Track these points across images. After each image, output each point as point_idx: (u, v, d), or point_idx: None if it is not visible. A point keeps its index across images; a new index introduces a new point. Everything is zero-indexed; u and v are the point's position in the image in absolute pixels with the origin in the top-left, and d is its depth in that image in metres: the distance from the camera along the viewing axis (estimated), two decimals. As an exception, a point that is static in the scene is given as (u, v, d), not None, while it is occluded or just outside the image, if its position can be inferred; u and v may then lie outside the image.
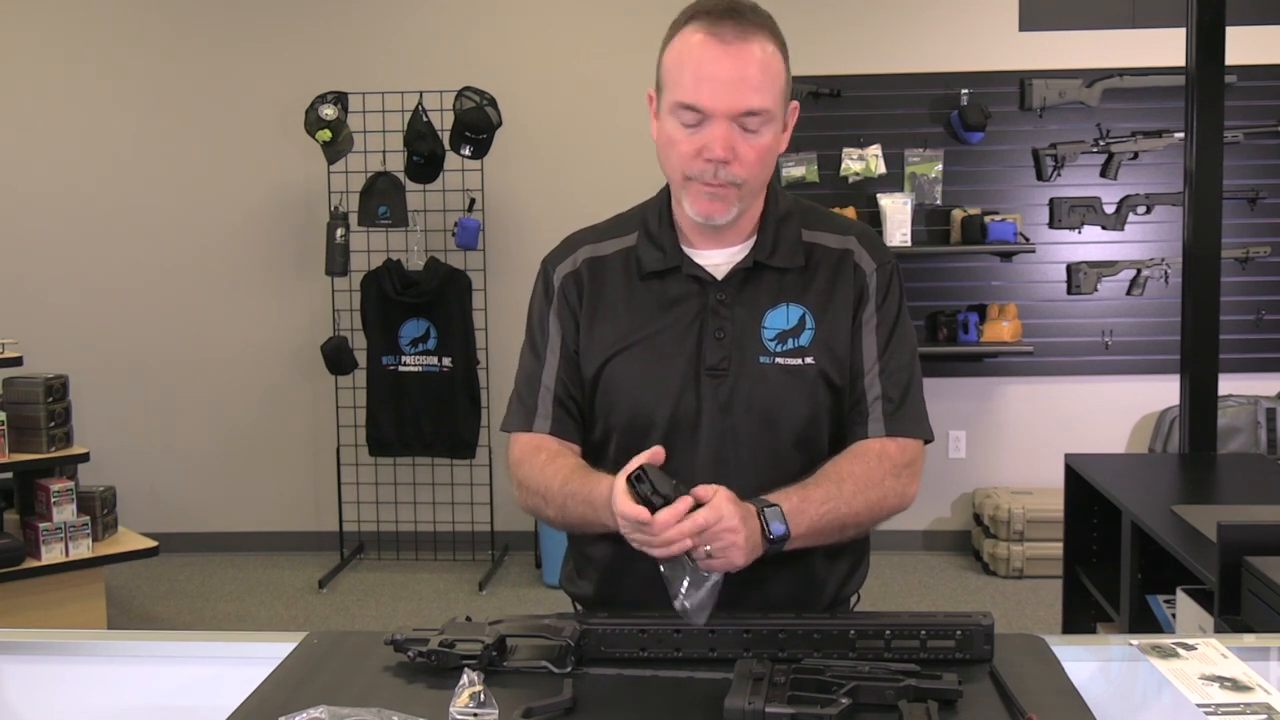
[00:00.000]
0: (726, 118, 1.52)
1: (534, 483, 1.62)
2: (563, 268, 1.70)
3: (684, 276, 1.64)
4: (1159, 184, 5.21)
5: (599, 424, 1.67)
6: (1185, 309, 3.47)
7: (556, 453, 1.64)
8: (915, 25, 5.28)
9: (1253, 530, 2.12)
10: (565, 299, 1.69)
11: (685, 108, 1.53)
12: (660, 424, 1.61)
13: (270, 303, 5.49)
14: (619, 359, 1.64)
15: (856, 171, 5.18)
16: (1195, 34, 3.38)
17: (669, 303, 1.64)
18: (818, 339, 1.62)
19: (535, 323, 1.73)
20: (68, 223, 5.49)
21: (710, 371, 1.60)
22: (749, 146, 1.54)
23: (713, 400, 1.60)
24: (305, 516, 5.57)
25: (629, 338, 1.64)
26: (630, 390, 1.63)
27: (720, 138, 1.52)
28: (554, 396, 1.67)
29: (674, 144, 1.56)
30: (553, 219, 5.41)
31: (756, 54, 1.52)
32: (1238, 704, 1.28)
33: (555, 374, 1.68)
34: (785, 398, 1.61)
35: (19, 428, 4.08)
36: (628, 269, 1.67)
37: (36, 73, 5.46)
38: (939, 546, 5.40)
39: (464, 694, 1.22)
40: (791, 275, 1.64)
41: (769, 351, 1.61)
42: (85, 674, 1.57)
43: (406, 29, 5.38)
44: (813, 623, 1.44)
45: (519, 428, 1.69)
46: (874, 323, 1.65)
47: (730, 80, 1.51)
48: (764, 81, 1.52)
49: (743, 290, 1.63)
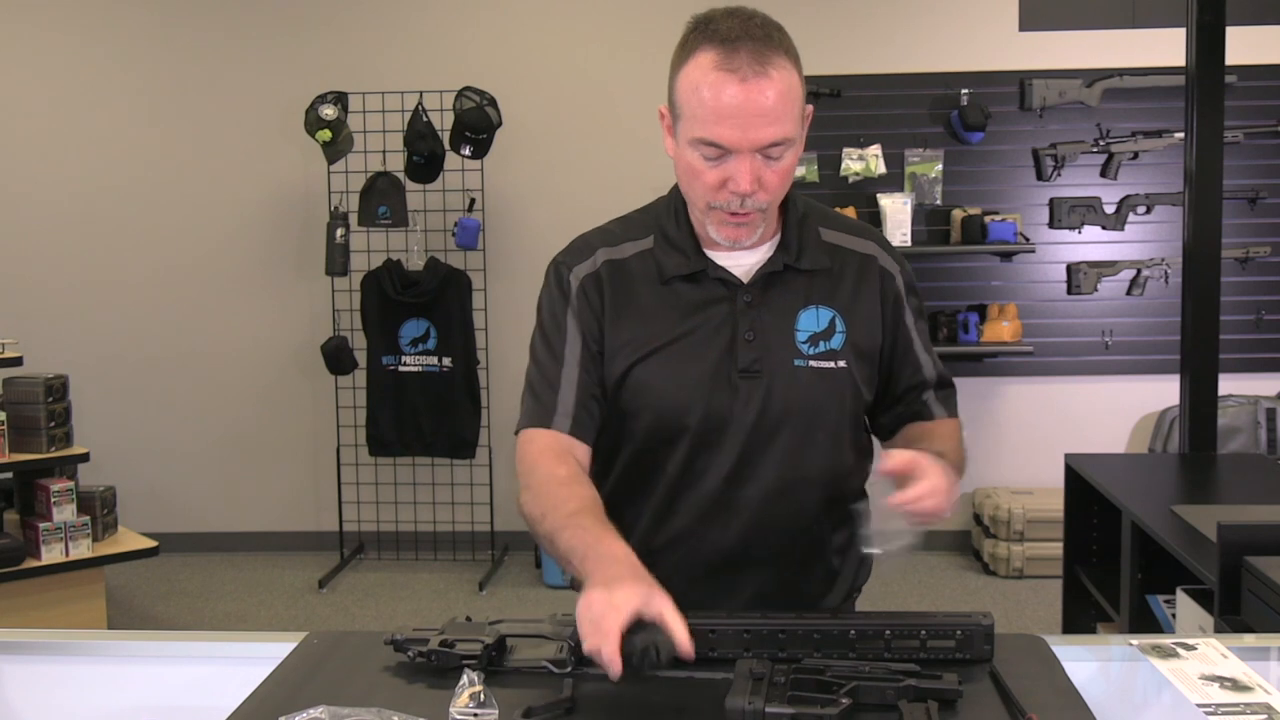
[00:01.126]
0: (750, 151, 1.50)
1: (544, 495, 1.56)
2: (581, 269, 1.67)
3: (710, 279, 1.63)
4: (1159, 184, 5.21)
5: (625, 427, 1.65)
6: (1185, 309, 3.47)
7: (576, 476, 1.59)
8: (915, 25, 5.29)
9: (1253, 530, 2.12)
10: (586, 300, 1.65)
11: (707, 144, 1.50)
12: (690, 426, 1.60)
13: (270, 303, 5.49)
14: (647, 362, 1.62)
15: (856, 171, 5.18)
16: (1195, 34, 3.38)
17: (696, 306, 1.62)
18: (848, 342, 1.63)
19: (549, 321, 1.68)
20: (68, 223, 5.49)
21: (744, 374, 1.60)
22: (772, 173, 1.52)
23: (746, 402, 1.60)
24: (305, 516, 5.57)
25: (657, 341, 1.62)
26: (660, 393, 1.61)
27: (746, 172, 1.50)
28: (576, 395, 1.63)
29: (697, 175, 1.54)
30: (553, 219, 5.44)
31: (775, 83, 1.48)
32: (1238, 704, 1.28)
33: (577, 374, 1.64)
34: (818, 399, 1.61)
35: (19, 428, 4.08)
36: (648, 272, 1.65)
37: (36, 73, 5.46)
38: (939, 546, 5.40)
39: (464, 694, 1.22)
40: (819, 277, 1.64)
41: (802, 354, 1.61)
42: (85, 674, 1.57)
43: (406, 29, 5.38)
44: (813, 623, 1.44)
45: (536, 424, 1.65)
46: (912, 320, 1.70)
47: (751, 116, 1.47)
48: (784, 109, 1.49)
49: (770, 292, 1.62)
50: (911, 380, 1.70)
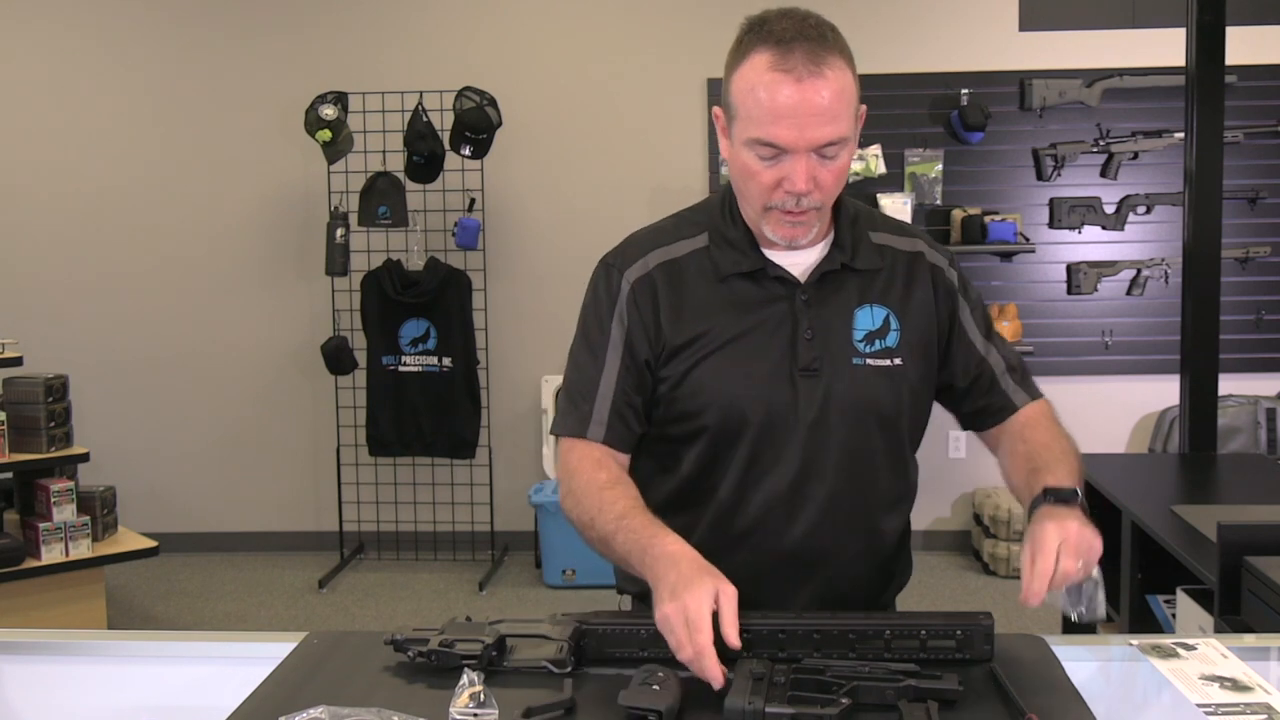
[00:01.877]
0: (806, 151, 1.50)
1: (589, 500, 1.58)
2: (632, 271, 1.66)
3: (768, 278, 1.64)
4: (1159, 184, 5.21)
5: (685, 424, 1.65)
6: (1185, 309, 3.47)
7: (618, 478, 1.60)
8: (915, 25, 5.29)
9: (1253, 530, 2.12)
10: (635, 304, 1.64)
11: (763, 144, 1.51)
12: (754, 423, 1.61)
13: (270, 303, 5.49)
14: (710, 360, 1.62)
15: (856, 171, 5.18)
16: (1195, 34, 3.38)
17: (755, 304, 1.63)
18: (903, 340, 1.64)
19: (593, 324, 1.67)
20: (68, 223, 5.49)
21: (805, 372, 1.61)
22: (827, 172, 1.53)
23: (808, 400, 1.61)
24: (305, 516, 5.57)
25: (719, 339, 1.62)
26: (723, 390, 1.61)
27: (802, 172, 1.51)
28: (612, 404, 1.63)
29: (752, 175, 1.54)
30: (553, 219, 5.45)
31: (831, 82, 1.49)
32: (1238, 704, 1.28)
33: (616, 379, 1.64)
34: (876, 398, 1.62)
35: (19, 428, 4.08)
36: (703, 271, 1.65)
37: (36, 73, 5.46)
38: (939, 546, 5.40)
39: (464, 694, 1.22)
40: (871, 277, 1.66)
41: (860, 353, 1.63)
42: (85, 674, 1.57)
43: (406, 29, 5.38)
44: (813, 623, 1.44)
45: (572, 432, 1.65)
46: (968, 310, 1.72)
47: (808, 116, 1.48)
48: (840, 109, 1.50)
49: (826, 291, 1.64)
50: (977, 369, 1.71)
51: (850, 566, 1.65)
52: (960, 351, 1.71)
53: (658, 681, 1.29)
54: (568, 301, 2.05)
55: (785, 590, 1.64)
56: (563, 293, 5.28)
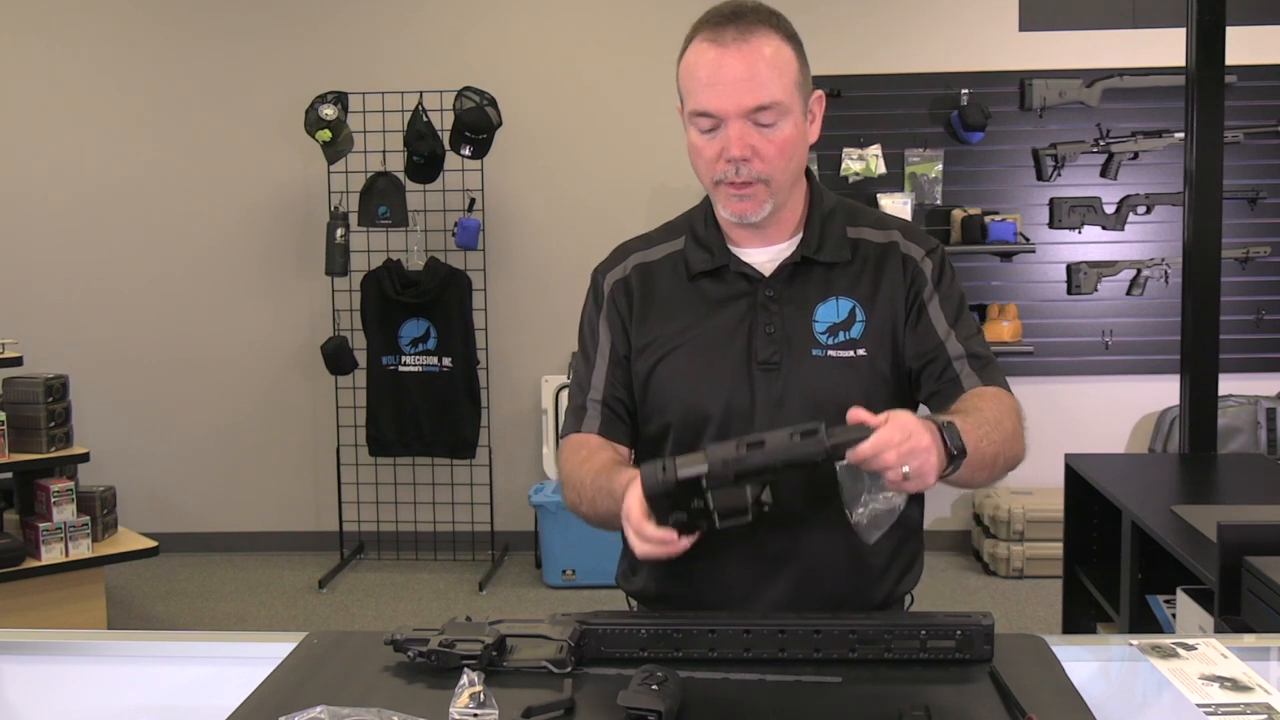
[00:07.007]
0: (739, 117, 1.54)
1: (571, 479, 1.65)
2: (613, 275, 1.75)
3: (732, 274, 1.67)
4: (1159, 184, 5.21)
5: (654, 422, 1.70)
6: (1185, 309, 3.47)
7: (596, 449, 1.67)
8: (915, 25, 5.29)
9: (1253, 530, 2.12)
10: (614, 305, 1.72)
11: (700, 115, 1.57)
12: (714, 420, 1.63)
13: (270, 303, 5.49)
14: (671, 358, 1.67)
15: (856, 171, 5.18)
16: (1195, 34, 3.38)
17: (719, 301, 1.67)
18: (869, 330, 1.64)
19: (587, 331, 1.77)
20: (68, 223, 5.49)
21: (762, 366, 1.62)
22: (767, 141, 1.56)
23: (766, 394, 1.62)
24: (305, 516, 5.57)
25: (680, 337, 1.67)
26: (683, 387, 1.65)
27: (735, 137, 1.55)
28: (601, 399, 1.71)
29: (698, 151, 1.60)
30: (553, 219, 5.45)
31: (760, 50, 1.54)
32: (1238, 704, 1.28)
33: (604, 377, 1.72)
34: (838, 390, 1.61)
35: (19, 428, 4.08)
36: (676, 271, 1.71)
37: (36, 73, 5.46)
38: (939, 546, 5.39)
39: (464, 694, 1.22)
40: (839, 269, 1.66)
41: (820, 345, 1.63)
42: (85, 674, 1.57)
43: (406, 29, 5.38)
44: (813, 623, 1.44)
45: (571, 430, 1.74)
46: (936, 299, 1.67)
47: (735, 80, 1.53)
48: (771, 75, 1.54)
49: (791, 286, 1.66)
50: (933, 353, 1.64)
51: (827, 559, 1.63)
52: (917, 335, 1.65)
53: (657, 682, 1.29)
54: (568, 301, 2.07)
55: (760, 585, 1.64)
56: (563, 293, 5.29)
